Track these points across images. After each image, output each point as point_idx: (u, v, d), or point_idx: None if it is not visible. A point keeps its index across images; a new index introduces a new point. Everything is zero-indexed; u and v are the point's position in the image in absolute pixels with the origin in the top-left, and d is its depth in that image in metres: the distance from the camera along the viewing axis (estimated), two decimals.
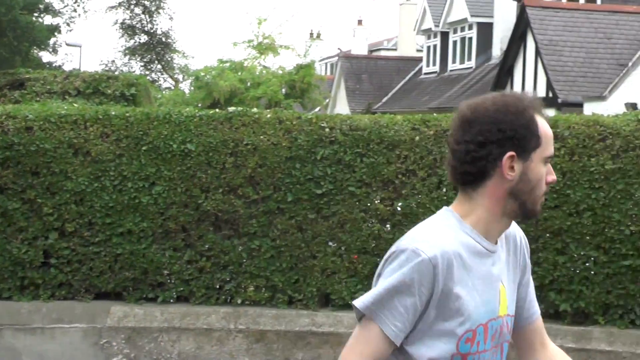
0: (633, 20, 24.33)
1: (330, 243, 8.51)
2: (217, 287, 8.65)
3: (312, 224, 8.47)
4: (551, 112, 10.95)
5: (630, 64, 22.54)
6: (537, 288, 8.16)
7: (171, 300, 8.67)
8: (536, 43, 23.94)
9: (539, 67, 24.26)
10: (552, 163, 8.12)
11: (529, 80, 25.03)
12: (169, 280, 8.66)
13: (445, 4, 34.20)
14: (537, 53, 24.05)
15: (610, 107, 17.86)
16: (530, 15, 24.20)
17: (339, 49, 45.02)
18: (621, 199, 7.90)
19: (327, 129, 8.47)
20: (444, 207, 2.91)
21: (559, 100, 22.63)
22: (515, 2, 30.12)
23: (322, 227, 8.46)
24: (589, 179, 7.97)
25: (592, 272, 8.05)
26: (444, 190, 8.31)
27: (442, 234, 2.78)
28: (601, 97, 22.09)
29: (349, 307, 8.44)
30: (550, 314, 8.24)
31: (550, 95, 23.38)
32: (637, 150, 7.88)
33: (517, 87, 25.74)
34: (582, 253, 8.04)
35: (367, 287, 8.37)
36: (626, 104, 19.73)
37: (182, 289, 8.60)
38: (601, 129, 8.02)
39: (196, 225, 8.54)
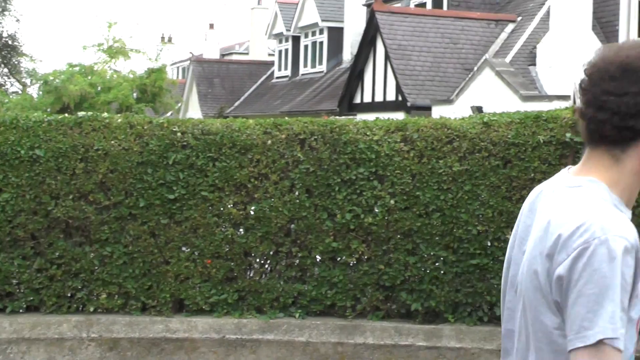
0: (478, 26, 25.03)
1: (183, 248, 8.46)
2: (69, 295, 8.47)
3: (164, 229, 8.39)
4: (400, 116, 11.16)
5: (475, 68, 23.18)
6: (388, 289, 8.35)
7: (20, 310, 8.45)
8: (385, 48, 24.35)
9: (388, 71, 24.67)
10: (402, 166, 8.24)
11: (379, 84, 25.44)
12: (18, 290, 8.44)
13: (297, 8, 34.43)
14: (387, 57, 24.46)
15: (457, 110, 18.34)
16: (380, 20, 24.60)
17: (190, 52, 44.74)
18: (468, 199, 8.12)
19: (179, 134, 8.41)
20: (582, 176, 2.49)
21: (408, 104, 23.08)
22: (365, 8, 30.61)
23: (175, 232, 8.39)
24: (437, 181, 8.16)
25: (442, 272, 8.24)
26: (297, 193, 8.37)
27: (617, 214, 2.39)
28: (448, 101, 22.64)
29: (203, 312, 8.41)
30: (402, 314, 8.40)
31: (400, 98, 23.82)
32: (483, 152, 8.11)
33: (367, 91, 26.13)
34: (431, 253, 8.22)
35: (221, 292, 8.37)
36: (472, 107, 20.27)
37: (31, 298, 8.39)
38: (449, 132, 8.22)
39: (46, 233, 8.34)
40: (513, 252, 2.66)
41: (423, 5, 28.42)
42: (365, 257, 8.36)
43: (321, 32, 33.27)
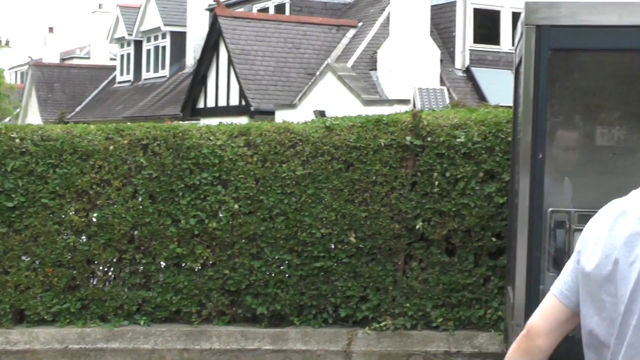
0: (320, 31, 25.31)
1: (23, 257, 8.25)
2: None
3: (3, 238, 8.17)
4: (244, 120, 11.18)
5: (318, 73, 23.43)
6: (233, 293, 8.36)
7: None
8: (228, 52, 24.36)
9: (231, 76, 24.68)
10: (245, 170, 8.27)
11: (222, 89, 25.41)
12: None
13: (139, 12, 34.03)
14: (230, 62, 24.47)
15: (300, 114, 18.50)
16: (222, 25, 24.59)
17: (29, 57, 43.57)
18: (312, 203, 8.20)
19: (17, 140, 8.21)
20: None
21: (252, 108, 23.16)
22: (208, 12, 30.51)
23: (15, 241, 8.18)
24: (281, 185, 8.22)
25: (287, 275, 8.30)
26: (140, 199, 8.29)
27: None
28: (291, 105, 22.82)
29: (45, 322, 8.22)
30: (248, 318, 8.43)
31: (243, 103, 23.87)
32: (325, 156, 8.21)
33: (210, 96, 26.06)
34: (276, 257, 8.27)
35: (64, 301, 8.20)
36: (315, 111, 20.49)
37: None
38: (292, 136, 8.29)
39: None
40: (601, 269, 2.72)
41: (266, 10, 28.56)
42: (210, 262, 8.35)
43: (163, 36, 33.00)
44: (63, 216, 8.25)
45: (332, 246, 8.26)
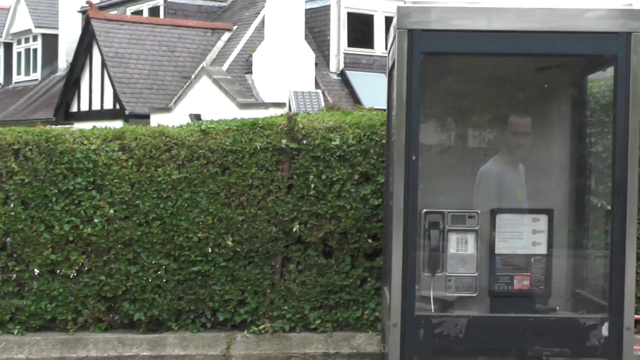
0: (194, 34, 25.18)
1: None
2: None
3: None
4: (118, 124, 11.05)
5: (193, 76, 23.32)
6: (110, 299, 8.24)
7: None
8: (102, 55, 24.02)
9: (105, 79, 24.35)
10: (120, 175, 8.16)
11: (96, 92, 25.04)
12: None
13: (8, 14, 33.24)
14: (104, 65, 24.13)
15: (176, 118, 18.39)
16: (96, 27, 24.23)
17: None
18: (188, 207, 8.16)
19: None
20: None
21: (127, 112, 22.90)
22: (81, 14, 30.02)
23: None
24: (157, 189, 8.15)
25: (164, 280, 8.23)
26: (12, 205, 8.11)
27: None
28: (167, 109, 22.65)
29: None
30: (125, 324, 8.33)
31: (118, 107, 23.58)
32: (201, 160, 8.18)
33: (84, 99, 25.65)
34: (153, 262, 8.20)
35: None
36: (190, 115, 20.38)
37: None
38: (167, 140, 8.23)
39: None
40: None
41: (140, 13, 28.28)
42: (86, 268, 8.22)
43: (35, 38, 32.31)
44: None
45: (209, 250, 8.23)
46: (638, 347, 5.76)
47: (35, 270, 8.22)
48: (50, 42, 31.60)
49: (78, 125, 20.40)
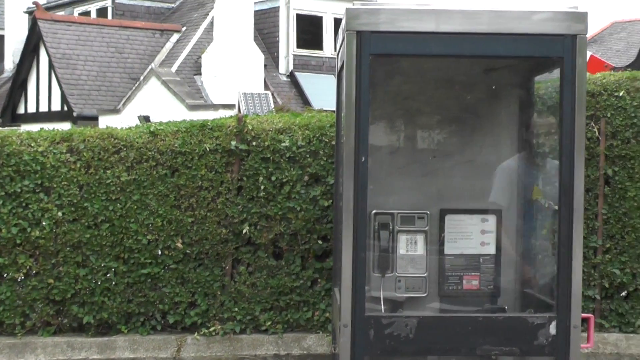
0: (143, 35, 25.06)
1: None
2: None
3: None
4: (67, 126, 10.97)
5: (141, 77, 23.20)
6: (59, 303, 8.17)
7: None
8: (49, 56, 23.81)
9: (53, 81, 24.13)
10: (69, 177, 8.11)
11: (43, 94, 24.81)
12: None
13: None
14: (51, 66, 23.92)
15: (125, 119, 18.28)
16: (42, 28, 24.01)
17: None
18: (137, 209, 8.12)
19: None
20: None
21: (75, 114, 22.72)
22: (27, 15, 29.72)
23: None
24: (105, 191, 8.10)
25: (113, 283, 8.18)
26: None
27: None
28: (115, 110, 22.51)
29: None
30: (74, 328, 8.27)
31: (66, 108, 23.38)
32: (150, 162, 8.14)
33: (31, 101, 25.41)
34: (102, 264, 8.15)
35: None
36: (139, 117, 20.28)
37: None
38: (115, 142, 8.19)
39: None
40: None
41: (87, 13, 28.08)
42: (34, 271, 8.15)
43: None
44: None
45: (159, 252, 8.20)
46: (585, 344, 5.82)
47: None
48: None
49: (25, 127, 20.23)
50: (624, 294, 8.36)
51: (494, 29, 5.53)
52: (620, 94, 8.25)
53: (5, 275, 8.15)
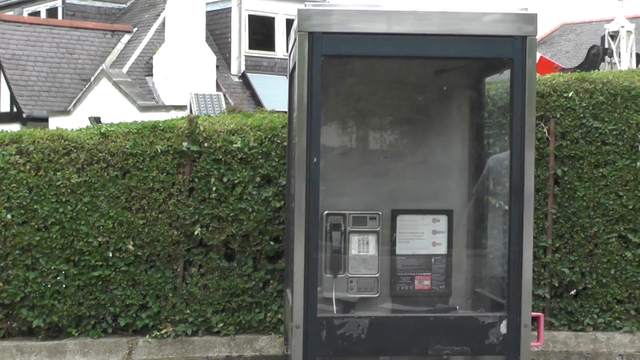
0: (94, 36, 24.88)
1: None
2: None
3: None
4: (16, 127, 10.85)
5: (92, 78, 23.04)
6: (8, 306, 8.08)
7: None
8: None
9: (2, 82, 23.88)
10: (18, 179, 8.02)
11: None
12: None
13: None
14: (0, 67, 23.66)
15: (75, 121, 18.12)
16: None
17: None
18: (88, 211, 8.06)
19: None
20: None
21: (24, 115, 22.51)
22: None
23: None
24: (55, 193, 8.03)
25: (64, 286, 8.11)
26: None
27: None
28: (66, 112, 22.33)
29: None
30: (24, 331, 8.19)
31: (15, 110, 23.14)
32: (101, 163, 8.08)
33: None
34: (52, 267, 8.07)
35: None
36: (90, 118, 20.13)
37: None
38: (66, 143, 8.11)
39: None
40: None
41: (37, 14, 27.81)
42: None
43: None
44: None
45: (110, 254, 8.14)
46: (535, 343, 5.88)
47: None
48: None
49: None
50: (573, 292, 8.44)
51: (445, 30, 5.56)
52: (570, 95, 8.34)
53: None
